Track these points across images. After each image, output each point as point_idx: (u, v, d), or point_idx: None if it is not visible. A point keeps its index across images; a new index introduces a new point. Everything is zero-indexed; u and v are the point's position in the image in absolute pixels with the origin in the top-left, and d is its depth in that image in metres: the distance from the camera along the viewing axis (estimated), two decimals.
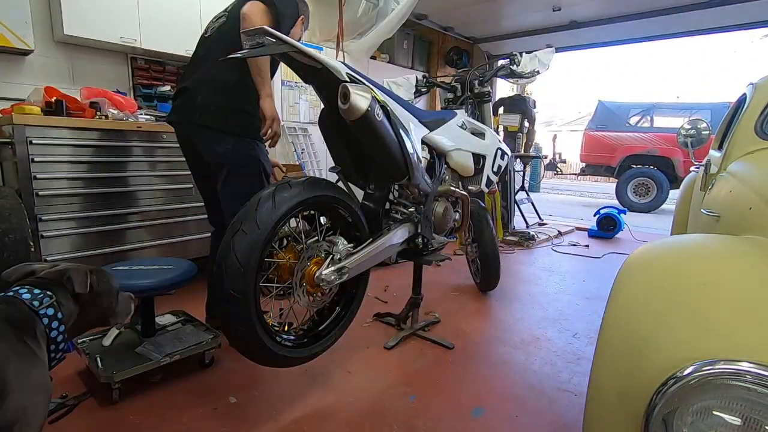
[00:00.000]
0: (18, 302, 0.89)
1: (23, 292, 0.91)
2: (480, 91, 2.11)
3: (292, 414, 1.39)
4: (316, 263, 1.42)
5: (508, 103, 4.42)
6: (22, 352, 0.83)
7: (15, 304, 0.89)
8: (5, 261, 1.49)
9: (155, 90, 2.84)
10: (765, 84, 1.56)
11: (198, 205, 2.50)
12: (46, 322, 0.90)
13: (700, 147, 2.11)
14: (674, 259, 0.80)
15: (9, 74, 2.37)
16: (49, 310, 0.92)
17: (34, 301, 0.90)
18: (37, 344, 0.87)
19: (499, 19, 4.26)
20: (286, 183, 1.31)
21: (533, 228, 4.83)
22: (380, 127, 1.34)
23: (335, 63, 1.29)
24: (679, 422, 0.57)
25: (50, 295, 0.93)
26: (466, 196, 1.92)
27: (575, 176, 12.59)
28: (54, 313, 0.93)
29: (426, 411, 1.43)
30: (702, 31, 4.11)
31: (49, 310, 0.92)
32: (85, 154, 2.05)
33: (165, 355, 1.50)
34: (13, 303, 0.88)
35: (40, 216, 1.92)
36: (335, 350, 1.82)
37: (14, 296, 0.90)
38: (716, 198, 1.33)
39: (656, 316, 0.67)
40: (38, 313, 0.90)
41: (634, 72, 52.31)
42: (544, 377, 1.68)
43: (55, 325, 0.92)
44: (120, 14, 2.50)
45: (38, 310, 0.90)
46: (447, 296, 2.58)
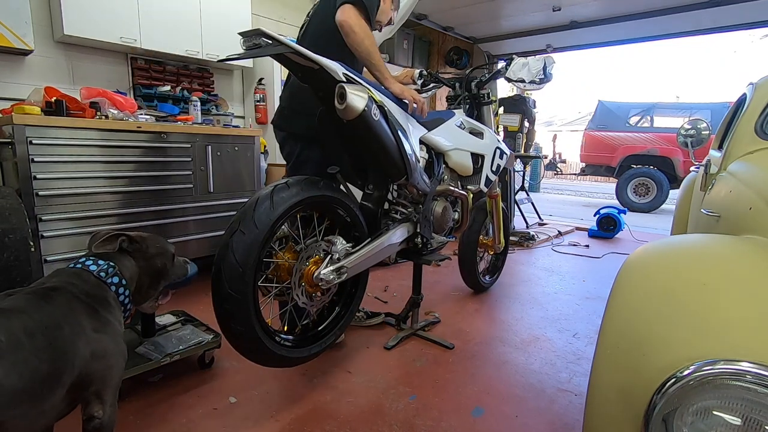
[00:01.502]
0: (86, 274, 0.99)
1: (89, 264, 1.01)
2: (478, 93, 2.11)
3: (292, 414, 1.39)
4: (315, 263, 1.42)
5: (508, 103, 4.42)
6: (95, 322, 0.93)
7: (83, 275, 0.99)
8: (5, 261, 1.49)
9: (155, 90, 2.84)
10: (765, 84, 1.56)
11: (198, 205, 2.50)
12: (113, 290, 1.02)
13: (700, 147, 2.11)
14: (674, 259, 0.80)
15: (9, 74, 2.37)
16: (114, 279, 1.03)
17: (101, 272, 1.01)
18: (110, 312, 0.98)
19: (499, 19, 4.26)
20: (284, 183, 1.31)
21: (533, 228, 4.83)
22: (377, 127, 1.34)
23: (332, 63, 1.29)
24: (679, 422, 0.57)
25: (113, 265, 1.04)
26: (465, 195, 1.92)
27: (575, 176, 12.59)
28: (119, 280, 1.04)
29: (426, 411, 1.43)
30: (702, 31, 4.10)
31: (114, 278, 1.03)
32: (85, 154, 2.05)
33: (165, 355, 1.49)
34: (81, 275, 0.99)
35: (40, 216, 1.92)
36: (335, 350, 1.82)
37: (83, 268, 1.00)
38: (716, 198, 1.33)
39: (656, 316, 0.67)
40: (106, 282, 1.01)
41: (634, 72, 52.36)
42: (544, 377, 1.68)
43: (121, 291, 1.04)
44: (120, 14, 2.50)
45: (105, 279, 1.01)
46: (447, 296, 2.58)
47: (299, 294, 1.40)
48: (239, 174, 2.69)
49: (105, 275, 1.01)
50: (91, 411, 0.89)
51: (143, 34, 2.60)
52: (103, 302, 0.97)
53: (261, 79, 3.28)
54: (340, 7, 1.45)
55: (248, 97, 3.44)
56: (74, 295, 0.92)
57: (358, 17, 1.45)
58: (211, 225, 2.57)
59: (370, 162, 1.61)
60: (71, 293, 0.92)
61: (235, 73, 3.42)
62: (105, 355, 0.92)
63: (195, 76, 3.09)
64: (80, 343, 0.87)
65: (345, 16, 1.44)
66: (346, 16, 1.44)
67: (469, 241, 2.40)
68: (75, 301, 0.91)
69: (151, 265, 1.14)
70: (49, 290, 0.90)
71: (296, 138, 1.66)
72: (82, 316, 0.91)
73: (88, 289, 0.96)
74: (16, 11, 2.20)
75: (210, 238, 2.55)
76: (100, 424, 0.89)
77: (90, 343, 0.89)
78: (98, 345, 0.91)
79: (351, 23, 1.43)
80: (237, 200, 2.67)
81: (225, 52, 2.81)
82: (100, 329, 0.93)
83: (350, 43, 1.47)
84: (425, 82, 2.24)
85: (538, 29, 4.41)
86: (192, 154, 2.45)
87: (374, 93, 1.35)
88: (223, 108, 3.26)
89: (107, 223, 2.14)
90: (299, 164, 1.68)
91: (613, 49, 12.02)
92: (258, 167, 2.79)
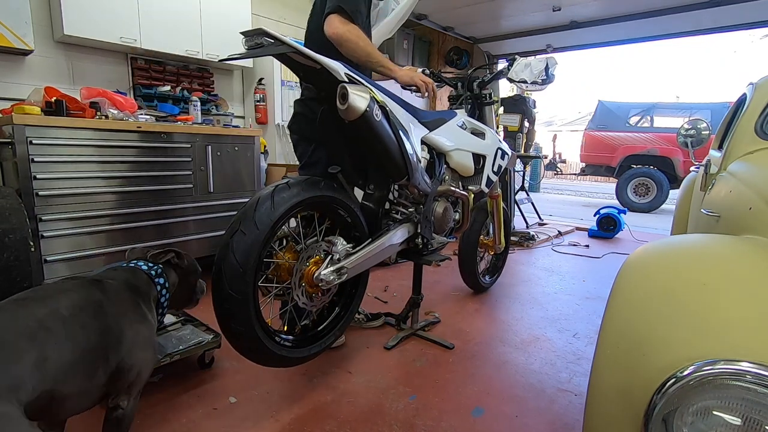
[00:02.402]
0: (139, 271, 1.13)
1: (141, 264, 1.16)
2: (479, 93, 2.11)
3: (292, 414, 1.39)
4: (315, 263, 1.42)
5: (508, 103, 4.42)
6: (137, 313, 1.03)
7: (137, 272, 1.12)
8: (5, 261, 1.49)
9: (155, 90, 2.84)
10: (765, 84, 1.56)
11: (198, 205, 2.50)
12: (158, 289, 1.15)
13: (700, 147, 2.11)
14: (674, 259, 0.80)
15: (9, 74, 2.37)
16: (160, 279, 1.17)
17: (151, 272, 1.15)
18: (150, 308, 1.09)
19: (499, 19, 4.26)
20: (284, 183, 1.31)
21: (533, 228, 4.84)
22: (379, 127, 1.34)
23: (334, 63, 1.29)
24: (679, 422, 0.57)
25: (161, 267, 1.19)
26: (466, 195, 1.92)
27: (575, 176, 12.59)
28: (164, 282, 1.17)
29: (426, 411, 1.43)
30: (702, 31, 4.10)
31: (160, 279, 1.17)
32: (85, 154, 2.05)
33: (165, 355, 1.49)
34: (135, 272, 1.12)
35: (40, 216, 1.92)
36: (335, 350, 1.82)
37: (135, 267, 1.14)
38: (716, 198, 1.33)
39: (656, 316, 0.67)
40: (154, 281, 1.14)
41: (634, 72, 52.38)
42: (544, 377, 1.68)
43: (164, 292, 1.17)
44: (120, 14, 2.50)
45: (154, 279, 1.15)
46: (447, 296, 2.58)
47: (299, 294, 1.40)
48: (239, 174, 2.69)
49: (154, 274, 1.15)
50: (118, 401, 0.96)
51: (143, 34, 2.60)
52: (146, 298, 1.09)
53: (261, 79, 3.28)
54: (325, 20, 1.46)
55: (248, 97, 3.44)
56: (125, 286, 1.05)
57: (344, 23, 1.44)
58: (211, 225, 2.57)
59: (372, 162, 1.61)
60: (123, 283, 1.05)
61: (235, 73, 3.42)
62: (146, 346, 1.01)
63: (195, 76, 3.09)
64: (125, 327, 0.97)
65: (332, 28, 1.44)
66: (333, 28, 1.44)
67: (469, 241, 2.40)
68: (124, 291, 1.03)
69: (187, 279, 1.29)
70: (102, 279, 1.02)
71: (308, 140, 1.69)
72: (129, 304, 1.02)
73: (137, 284, 1.08)
74: (16, 11, 2.20)
75: (210, 238, 2.56)
76: (122, 414, 0.97)
77: (133, 329, 0.99)
78: (140, 335, 1.00)
79: (339, 33, 1.44)
80: (237, 200, 2.67)
81: (225, 52, 2.80)
82: (141, 321, 1.03)
83: (345, 52, 1.47)
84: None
85: (538, 29, 4.41)
86: (192, 154, 2.45)
87: (376, 93, 1.35)
88: (223, 108, 3.26)
89: (107, 223, 2.14)
90: (310, 165, 1.72)
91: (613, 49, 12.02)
92: (258, 167, 2.79)
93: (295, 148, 1.81)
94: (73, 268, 2.03)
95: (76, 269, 2.05)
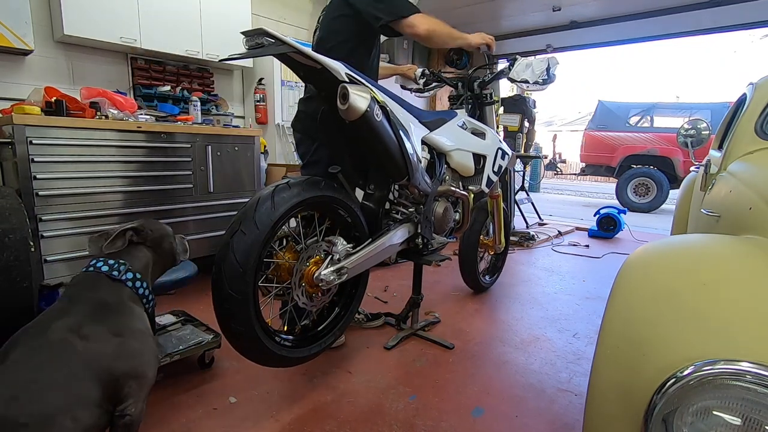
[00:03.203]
0: (98, 278, 1.02)
1: (100, 265, 1.04)
2: (480, 93, 2.10)
3: (292, 414, 1.39)
4: (316, 263, 1.42)
5: (509, 103, 4.42)
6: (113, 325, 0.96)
7: (96, 282, 1.02)
8: (5, 261, 1.49)
9: (155, 90, 2.84)
10: (765, 84, 1.56)
11: (198, 205, 2.50)
12: (130, 285, 1.05)
13: (700, 147, 2.11)
14: (674, 259, 0.80)
15: (9, 74, 2.37)
16: (128, 275, 1.06)
17: (113, 272, 1.04)
18: (127, 312, 1.01)
19: (499, 19, 4.26)
20: (285, 183, 1.31)
21: (533, 228, 4.84)
22: (379, 127, 1.34)
23: (334, 63, 1.29)
24: (679, 422, 0.57)
25: (123, 262, 1.06)
26: (466, 196, 1.92)
27: (575, 176, 12.59)
28: (133, 276, 1.07)
29: (426, 411, 1.43)
30: (702, 31, 4.10)
31: (128, 274, 1.06)
32: (85, 154, 2.05)
33: (165, 355, 1.49)
34: (95, 282, 1.01)
35: (40, 216, 1.92)
36: (335, 350, 1.82)
37: (96, 271, 1.03)
38: (716, 198, 1.33)
39: (656, 316, 0.67)
40: (120, 280, 1.04)
41: (634, 72, 52.40)
42: (544, 377, 1.68)
43: (138, 285, 1.07)
44: (120, 14, 2.50)
45: (120, 278, 1.04)
46: (447, 296, 2.58)
47: (299, 294, 1.40)
48: (239, 174, 2.69)
49: (118, 274, 1.04)
50: (124, 408, 0.93)
51: (143, 34, 2.60)
52: (118, 306, 1.00)
53: (261, 79, 3.28)
54: (396, 23, 1.56)
55: (248, 97, 3.44)
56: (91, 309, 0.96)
57: (425, 18, 1.57)
58: (211, 225, 2.57)
59: (372, 162, 1.61)
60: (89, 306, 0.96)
61: (235, 73, 3.41)
62: (132, 355, 0.96)
63: (195, 76, 3.09)
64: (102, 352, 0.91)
65: (412, 30, 1.56)
66: (419, 28, 1.56)
67: (469, 241, 2.40)
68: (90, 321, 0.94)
69: (161, 248, 1.19)
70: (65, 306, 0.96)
71: (312, 139, 1.70)
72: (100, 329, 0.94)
73: (100, 297, 0.99)
74: (16, 11, 2.20)
75: (210, 238, 2.56)
76: (130, 420, 0.94)
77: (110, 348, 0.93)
78: (121, 348, 0.95)
79: (428, 28, 1.56)
80: (237, 200, 2.67)
81: (225, 52, 2.80)
82: (119, 333, 0.96)
83: (435, 44, 1.63)
84: (428, 81, 2.23)
85: (538, 29, 4.41)
86: (192, 154, 2.45)
87: (377, 93, 1.35)
88: (223, 108, 3.25)
89: (107, 223, 2.14)
90: (312, 163, 1.74)
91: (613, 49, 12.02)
92: (258, 167, 2.79)
93: (297, 146, 1.82)
94: (73, 268, 2.03)
95: (76, 269, 2.05)
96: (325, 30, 1.68)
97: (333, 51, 1.59)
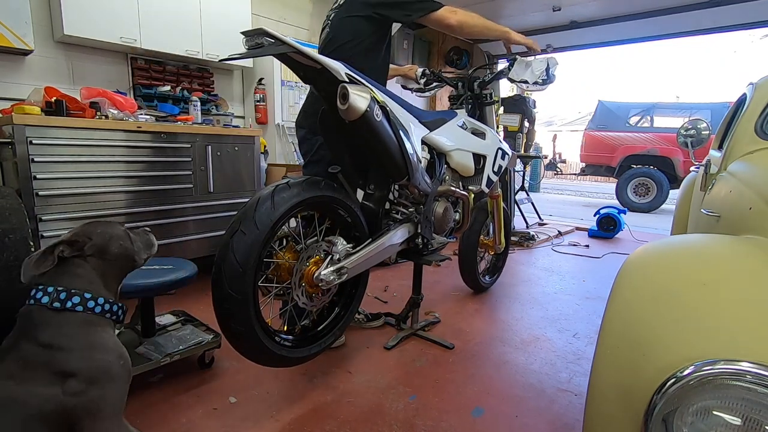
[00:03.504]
0: (39, 313, 0.88)
1: (40, 296, 0.90)
2: (480, 93, 2.11)
3: (292, 414, 1.39)
4: (315, 263, 1.42)
5: (509, 103, 4.42)
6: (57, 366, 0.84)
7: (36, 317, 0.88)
8: (5, 261, 1.49)
9: (155, 90, 2.84)
10: (765, 84, 1.56)
11: (198, 205, 2.50)
12: (81, 309, 0.91)
13: (700, 147, 2.11)
14: (674, 259, 0.80)
15: (9, 74, 2.37)
16: (74, 299, 0.91)
17: (55, 303, 0.89)
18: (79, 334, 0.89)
19: (499, 19, 4.26)
20: (285, 183, 1.31)
21: (533, 228, 4.84)
22: (379, 127, 1.34)
23: (334, 63, 1.29)
24: (679, 422, 0.57)
25: (61, 289, 0.91)
26: (466, 196, 1.92)
27: (575, 176, 12.59)
28: (81, 299, 0.92)
29: (426, 411, 1.43)
30: (702, 31, 4.11)
31: (74, 299, 0.91)
32: (85, 154, 2.05)
33: (165, 355, 1.49)
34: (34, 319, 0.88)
35: (40, 216, 1.92)
36: (335, 350, 1.82)
37: (35, 305, 0.89)
38: (716, 198, 1.33)
39: (656, 316, 0.67)
40: (67, 309, 0.90)
41: (634, 72, 52.41)
42: (544, 377, 1.68)
43: (92, 305, 0.93)
44: (120, 14, 2.50)
45: (64, 307, 0.90)
46: (447, 296, 2.58)
47: (299, 294, 1.40)
48: (239, 174, 2.69)
49: (60, 305, 0.89)
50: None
51: (143, 34, 2.60)
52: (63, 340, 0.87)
53: (261, 79, 3.28)
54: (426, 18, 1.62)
55: (248, 97, 3.44)
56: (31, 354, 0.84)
57: (452, 12, 1.62)
58: (211, 225, 2.57)
59: (372, 162, 1.61)
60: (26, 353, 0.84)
61: (235, 73, 3.41)
62: (82, 391, 0.85)
63: (195, 76, 3.09)
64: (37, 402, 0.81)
65: (445, 22, 1.62)
66: (446, 20, 1.62)
67: (469, 241, 2.40)
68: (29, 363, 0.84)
69: (109, 253, 1.00)
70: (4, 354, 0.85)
71: (317, 136, 1.72)
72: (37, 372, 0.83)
73: (42, 339, 0.86)
74: (16, 11, 2.20)
75: (210, 238, 2.56)
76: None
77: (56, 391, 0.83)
78: (70, 387, 0.84)
79: (452, 23, 1.62)
80: (237, 200, 2.67)
81: (225, 52, 2.80)
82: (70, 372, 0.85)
83: (467, 34, 1.69)
84: (428, 81, 2.24)
85: (538, 29, 4.42)
86: (192, 154, 2.45)
87: (377, 93, 1.35)
88: (223, 108, 3.26)
89: None
90: (314, 162, 1.76)
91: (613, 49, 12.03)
92: (258, 167, 2.79)
93: (300, 144, 1.83)
94: None
95: None
96: (337, 29, 1.70)
97: (345, 50, 1.61)
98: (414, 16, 1.62)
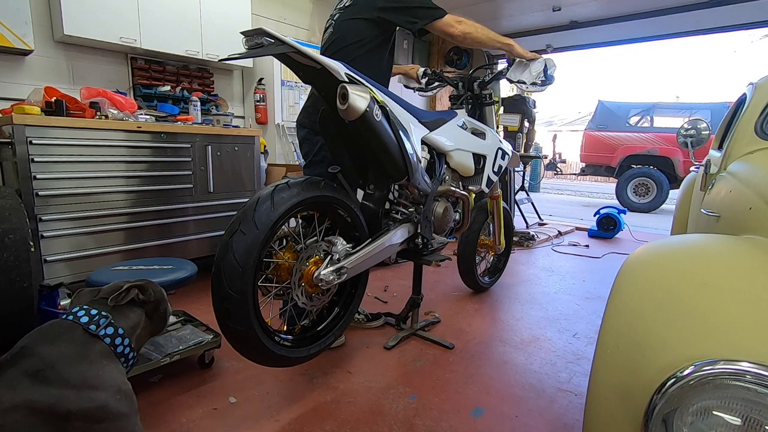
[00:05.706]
0: (76, 327, 0.92)
1: (81, 315, 0.95)
2: (480, 94, 2.11)
3: (292, 414, 1.39)
4: (315, 263, 1.42)
5: (509, 104, 4.42)
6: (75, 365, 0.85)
7: (73, 330, 0.91)
8: (5, 261, 1.49)
9: (155, 90, 2.85)
10: (765, 84, 1.56)
11: (198, 205, 2.50)
12: (108, 342, 0.94)
13: (700, 147, 2.11)
14: (674, 259, 0.80)
15: (9, 74, 2.37)
16: (108, 329, 0.95)
17: (91, 325, 0.93)
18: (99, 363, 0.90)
19: (499, 19, 4.27)
20: (284, 183, 1.31)
21: (533, 228, 4.84)
22: (379, 127, 1.34)
23: (334, 63, 1.29)
24: (679, 422, 0.57)
25: (106, 316, 0.97)
26: (466, 196, 1.92)
27: (575, 176, 12.59)
28: (114, 331, 0.96)
29: (426, 411, 1.43)
30: (702, 31, 4.11)
31: (108, 329, 0.95)
32: (85, 154, 2.05)
33: (165, 355, 1.49)
34: (71, 329, 0.91)
35: (40, 216, 1.92)
36: (335, 350, 1.82)
37: (73, 321, 0.93)
38: (716, 198, 1.33)
39: (656, 316, 0.67)
40: (97, 335, 0.93)
41: (634, 72, 52.44)
42: (544, 377, 1.68)
43: (118, 341, 0.97)
44: (120, 14, 2.50)
45: (98, 332, 0.93)
46: (447, 296, 2.58)
47: (299, 294, 1.40)
48: (239, 174, 2.69)
49: (96, 328, 0.93)
50: None
51: (143, 34, 2.61)
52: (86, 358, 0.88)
53: (261, 79, 3.28)
54: (431, 26, 1.61)
55: (248, 97, 3.44)
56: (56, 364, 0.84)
57: (457, 21, 1.62)
58: (211, 225, 2.57)
59: (372, 162, 1.61)
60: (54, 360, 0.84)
61: (235, 73, 3.42)
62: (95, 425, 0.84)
63: (195, 76, 3.09)
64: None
65: (449, 30, 1.61)
66: (450, 29, 1.61)
67: (468, 241, 2.40)
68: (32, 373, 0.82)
69: (157, 312, 1.11)
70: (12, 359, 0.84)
71: (317, 135, 1.72)
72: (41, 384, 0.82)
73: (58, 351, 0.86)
74: (16, 11, 2.20)
75: (210, 238, 2.56)
76: None
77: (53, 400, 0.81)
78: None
79: (462, 30, 1.61)
80: (237, 200, 2.67)
81: (225, 52, 2.81)
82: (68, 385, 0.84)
83: (470, 44, 1.67)
84: (429, 80, 2.24)
85: (538, 29, 4.42)
86: (192, 154, 2.45)
87: (376, 93, 1.35)
88: (223, 108, 3.26)
89: (107, 223, 2.14)
90: (315, 163, 1.76)
91: (613, 49, 12.04)
92: (258, 167, 2.79)
93: (300, 144, 1.83)
94: (73, 268, 2.03)
95: (76, 269, 2.05)
96: (341, 31, 1.70)
97: (348, 52, 1.62)
98: (419, 23, 1.61)
